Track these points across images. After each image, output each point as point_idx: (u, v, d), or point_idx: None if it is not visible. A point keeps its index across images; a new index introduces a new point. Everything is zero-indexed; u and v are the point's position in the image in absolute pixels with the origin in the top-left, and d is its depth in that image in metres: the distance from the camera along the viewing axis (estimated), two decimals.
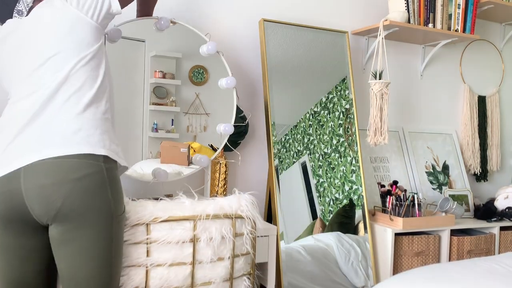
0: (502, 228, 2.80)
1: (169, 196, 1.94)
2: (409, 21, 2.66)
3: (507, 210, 2.82)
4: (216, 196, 2.05)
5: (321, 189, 2.39)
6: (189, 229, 1.40)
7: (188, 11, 2.28)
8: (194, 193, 1.55)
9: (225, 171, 2.18)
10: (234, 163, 2.34)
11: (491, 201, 2.95)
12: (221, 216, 1.45)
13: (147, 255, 1.37)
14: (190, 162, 2.09)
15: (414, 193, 2.51)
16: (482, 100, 3.24)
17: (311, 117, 2.44)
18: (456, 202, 2.68)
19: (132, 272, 1.36)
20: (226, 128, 2.13)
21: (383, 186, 2.61)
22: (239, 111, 2.32)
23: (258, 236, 1.66)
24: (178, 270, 1.41)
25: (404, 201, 2.47)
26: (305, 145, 2.40)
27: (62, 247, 1.25)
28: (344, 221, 2.41)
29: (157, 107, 2.09)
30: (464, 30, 2.82)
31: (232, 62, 2.31)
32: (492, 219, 2.77)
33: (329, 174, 2.42)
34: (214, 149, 2.16)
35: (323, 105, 2.48)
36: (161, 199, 1.45)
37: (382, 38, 2.55)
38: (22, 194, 1.20)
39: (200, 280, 1.45)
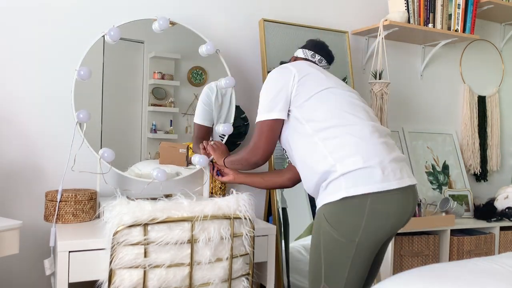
0: (502, 228, 2.79)
1: (168, 196, 1.94)
2: (409, 21, 2.66)
3: (507, 210, 2.82)
4: (214, 196, 2.05)
5: None
6: (188, 229, 1.40)
7: (187, 11, 2.28)
8: (191, 194, 1.54)
9: None
10: None
11: (491, 201, 2.95)
12: (219, 217, 1.45)
13: (145, 256, 1.36)
14: (189, 163, 2.09)
15: None
16: (482, 100, 3.24)
17: None
18: (456, 202, 2.68)
19: (129, 273, 1.36)
20: (225, 128, 2.13)
21: None
22: (240, 112, 2.31)
23: (257, 236, 1.65)
24: (177, 271, 1.40)
25: None
26: None
27: (385, 244, 1.64)
28: None
29: (155, 108, 2.09)
30: (464, 30, 2.82)
31: (231, 62, 2.31)
32: (492, 219, 2.77)
33: None
34: None
35: None
36: (159, 199, 1.45)
37: (382, 38, 2.54)
38: (411, 207, 1.55)
39: (198, 281, 1.44)
